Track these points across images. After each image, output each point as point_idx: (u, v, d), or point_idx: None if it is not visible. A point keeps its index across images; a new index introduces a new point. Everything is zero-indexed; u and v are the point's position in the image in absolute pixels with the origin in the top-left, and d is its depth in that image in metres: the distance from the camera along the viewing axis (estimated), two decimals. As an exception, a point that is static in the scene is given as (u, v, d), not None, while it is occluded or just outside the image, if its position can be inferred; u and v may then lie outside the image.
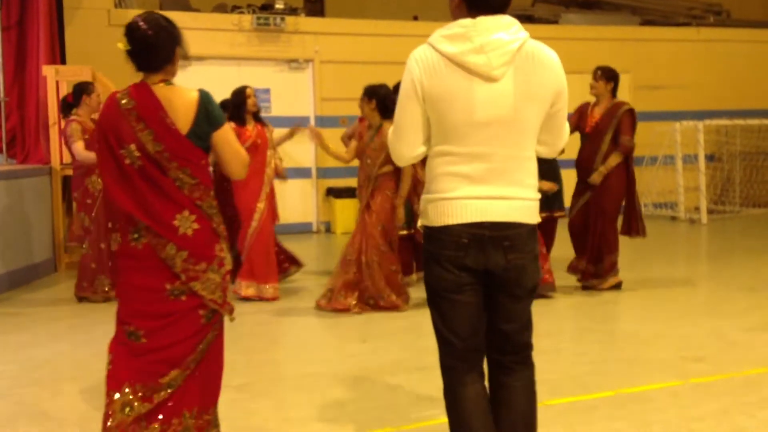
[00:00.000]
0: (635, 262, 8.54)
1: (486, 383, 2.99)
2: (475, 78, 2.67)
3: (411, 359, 5.17)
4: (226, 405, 4.35)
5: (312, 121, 11.60)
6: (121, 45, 3.24)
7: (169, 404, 3.25)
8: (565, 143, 2.98)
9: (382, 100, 6.48)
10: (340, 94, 10.82)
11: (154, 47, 3.22)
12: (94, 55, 10.02)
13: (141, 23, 3.20)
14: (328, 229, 11.92)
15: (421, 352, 5.36)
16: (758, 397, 4.35)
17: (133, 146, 3.20)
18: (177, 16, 12.35)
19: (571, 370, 4.72)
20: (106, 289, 6.98)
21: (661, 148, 12.66)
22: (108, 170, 3.26)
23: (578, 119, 7.06)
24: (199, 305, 3.25)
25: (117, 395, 3.21)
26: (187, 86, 3.30)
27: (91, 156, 6.65)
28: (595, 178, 6.95)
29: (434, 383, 4.52)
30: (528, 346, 2.97)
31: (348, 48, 11.76)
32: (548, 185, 6.60)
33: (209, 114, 3.25)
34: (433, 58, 2.71)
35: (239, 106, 6.98)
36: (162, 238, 3.21)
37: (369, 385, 4.64)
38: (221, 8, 11.97)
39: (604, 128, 6.94)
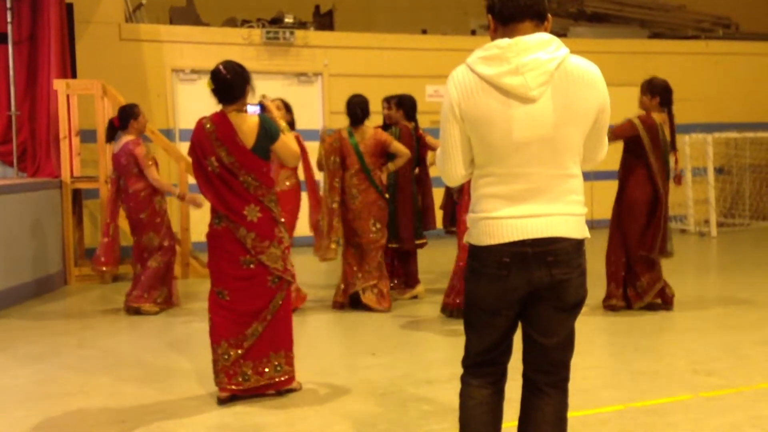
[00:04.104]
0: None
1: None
2: (513, 99, 2.64)
3: (420, 373, 5.16)
4: (234, 416, 4.37)
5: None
6: (208, 85, 4.44)
7: (256, 348, 4.50)
8: (604, 155, 2.95)
9: (351, 108, 7.09)
10: (349, 108, 10.89)
11: (231, 87, 4.42)
12: (105, 69, 10.12)
13: (222, 69, 4.42)
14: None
15: (431, 365, 5.35)
16: (770, 411, 4.32)
17: (213, 158, 4.44)
18: (187, 30, 12.35)
19: (582, 384, 4.70)
20: (159, 300, 7.13)
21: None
22: (199, 175, 4.53)
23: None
24: (266, 272, 4.47)
25: (218, 348, 4.50)
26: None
27: (163, 182, 7.03)
28: None
29: (443, 397, 4.54)
30: (565, 367, 2.91)
31: (357, 61, 11.79)
32: None
33: (267, 132, 4.44)
34: (470, 79, 2.69)
35: None
36: (235, 223, 4.43)
37: (378, 398, 4.64)
38: (231, 22, 12.03)
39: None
